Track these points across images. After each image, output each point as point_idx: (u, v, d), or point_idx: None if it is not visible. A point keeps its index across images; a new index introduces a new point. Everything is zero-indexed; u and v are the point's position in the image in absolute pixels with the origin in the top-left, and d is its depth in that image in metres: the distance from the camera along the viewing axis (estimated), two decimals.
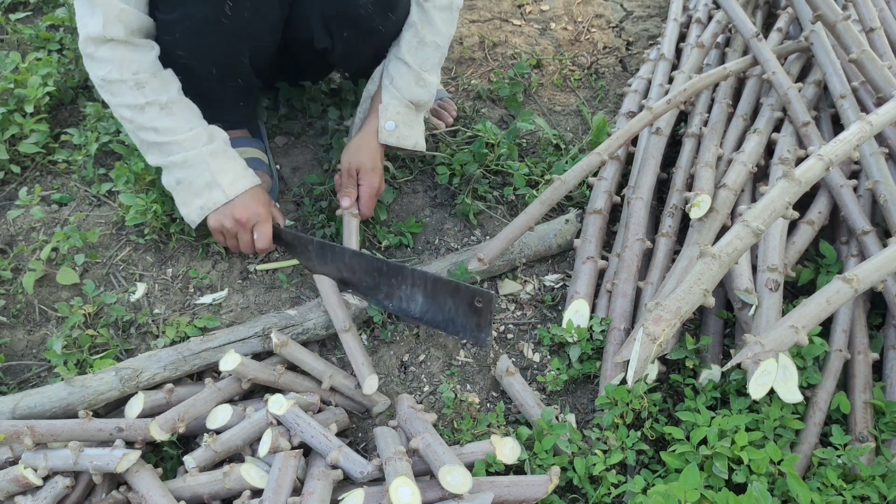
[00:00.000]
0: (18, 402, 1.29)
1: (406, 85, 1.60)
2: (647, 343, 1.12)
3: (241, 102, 1.70)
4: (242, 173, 1.51)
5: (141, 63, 1.39)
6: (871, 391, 1.31)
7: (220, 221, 1.51)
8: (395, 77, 1.61)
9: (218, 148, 1.48)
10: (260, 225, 1.52)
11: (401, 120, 1.61)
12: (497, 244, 1.52)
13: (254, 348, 1.41)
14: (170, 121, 1.43)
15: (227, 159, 1.49)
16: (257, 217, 1.51)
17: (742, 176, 1.59)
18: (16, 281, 1.60)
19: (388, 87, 1.61)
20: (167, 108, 1.43)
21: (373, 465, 1.19)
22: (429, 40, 1.60)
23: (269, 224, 1.53)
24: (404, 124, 1.62)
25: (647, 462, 1.28)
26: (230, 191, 1.48)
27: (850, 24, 1.77)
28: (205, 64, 1.49)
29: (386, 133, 1.60)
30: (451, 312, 1.42)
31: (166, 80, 1.44)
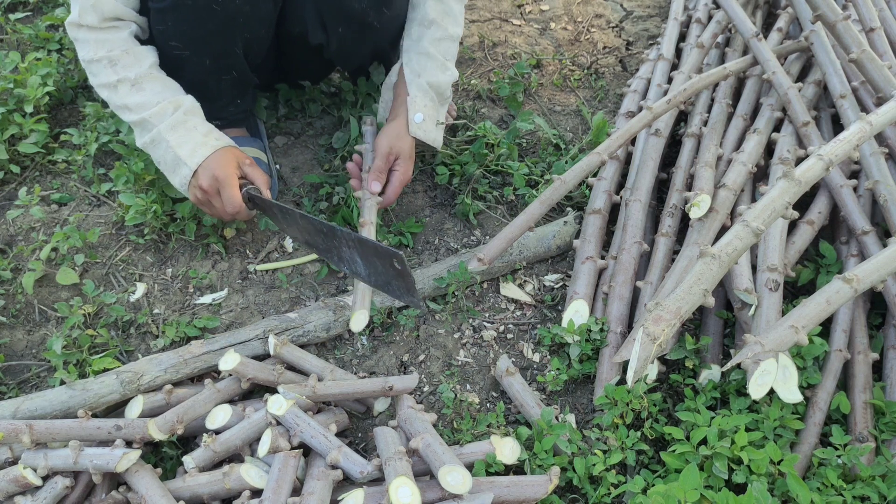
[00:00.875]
0: (19, 406, 1.29)
1: (433, 74, 1.62)
2: (646, 343, 1.12)
3: (239, 99, 1.70)
4: (202, 140, 1.45)
5: (114, 41, 1.40)
6: (871, 391, 1.31)
7: (193, 194, 1.47)
8: (420, 71, 1.62)
9: (176, 120, 1.43)
10: (223, 189, 1.43)
11: (427, 114, 1.63)
12: (497, 244, 1.52)
13: (255, 351, 1.41)
14: (139, 96, 1.41)
15: (186, 131, 1.44)
16: (217, 181, 1.43)
17: (742, 176, 1.59)
18: (15, 281, 1.60)
19: (415, 80, 1.62)
20: (137, 83, 1.41)
21: (373, 465, 1.19)
22: (451, 31, 1.64)
23: (232, 187, 1.43)
24: (429, 119, 1.63)
25: (646, 462, 1.28)
26: (191, 161, 1.43)
27: (850, 24, 1.77)
28: (198, 55, 1.48)
29: (415, 126, 1.60)
30: (384, 274, 1.38)
31: (139, 56, 1.42)
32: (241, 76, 1.61)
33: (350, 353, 1.50)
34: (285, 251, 1.70)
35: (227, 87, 1.63)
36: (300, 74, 1.96)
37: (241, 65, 1.58)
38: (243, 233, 1.72)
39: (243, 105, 1.73)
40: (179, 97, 1.45)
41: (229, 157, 1.47)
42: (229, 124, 1.72)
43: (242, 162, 1.49)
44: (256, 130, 1.84)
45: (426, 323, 1.56)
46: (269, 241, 1.71)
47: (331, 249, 1.44)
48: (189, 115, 1.45)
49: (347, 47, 1.67)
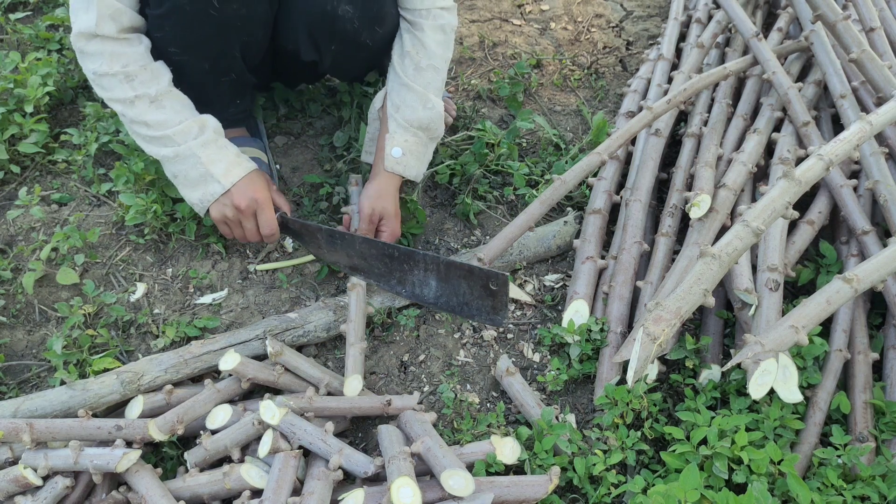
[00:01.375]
0: (20, 406, 1.29)
1: (412, 110, 1.57)
2: (646, 343, 1.12)
3: (238, 100, 1.70)
4: (236, 161, 1.46)
5: (130, 56, 1.38)
6: (871, 391, 1.31)
7: (221, 212, 1.47)
8: (400, 105, 1.57)
9: (208, 138, 1.44)
10: (261, 211, 1.46)
11: (408, 149, 1.57)
12: (497, 244, 1.52)
13: (255, 351, 1.41)
14: (160, 114, 1.41)
15: (218, 149, 1.45)
16: (256, 204, 1.45)
17: (742, 176, 1.59)
18: (16, 281, 1.60)
19: (394, 116, 1.58)
20: (157, 100, 1.40)
21: (375, 465, 1.19)
22: (425, 64, 1.58)
23: (270, 209, 1.47)
24: (411, 153, 1.58)
25: (647, 462, 1.28)
26: (225, 180, 1.43)
27: (850, 24, 1.77)
28: (197, 59, 1.48)
29: (392, 161, 1.56)
30: (465, 296, 1.42)
31: (156, 73, 1.41)
32: (240, 78, 1.61)
33: None
34: (285, 251, 1.70)
35: (225, 89, 1.63)
36: (295, 79, 1.96)
37: (240, 67, 1.58)
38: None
39: (242, 105, 1.73)
40: (202, 117, 1.46)
41: (263, 180, 1.50)
42: (229, 125, 1.72)
43: (271, 187, 1.52)
44: (256, 130, 1.85)
45: (426, 323, 1.56)
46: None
47: (392, 273, 1.46)
48: (218, 134, 1.47)
49: (341, 63, 1.67)
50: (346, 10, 1.50)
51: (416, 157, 1.59)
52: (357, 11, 1.51)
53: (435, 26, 1.58)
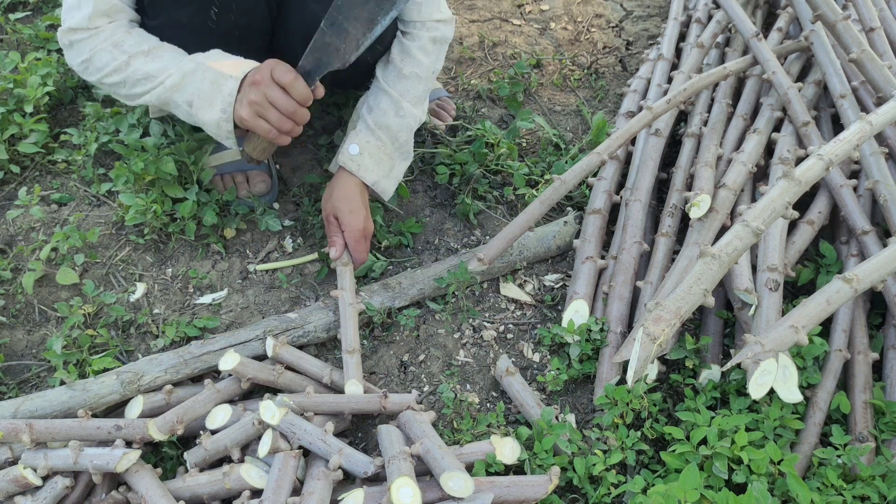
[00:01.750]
0: (19, 407, 1.29)
1: (383, 113, 1.53)
2: (646, 343, 1.12)
3: None
4: (241, 60, 1.37)
5: (112, 28, 1.37)
6: (871, 391, 1.31)
7: (246, 103, 1.32)
8: (373, 107, 1.55)
9: (212, 54, 1.38)
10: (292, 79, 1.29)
11: (367, 150, 1.52)
12: (497, 244, 1.52)
13: (255, 351, 1.41)
14: (158, 63, 1.37)
15: (225, 57, 1.37)
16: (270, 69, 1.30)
17: (742, 176, 1.59)
18: (15, 281, 1.60)
19: (365, 117, 1.55)
20: (151, 53, 1.37)
21: (376, 465, 1.19)
22: (407, 72, 1.55)
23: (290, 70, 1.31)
24: (370, 155, 1.52)
25: (647, 462, 1.28)
26: (237, 72, 1.34)
27: (850, 24, 1.77)
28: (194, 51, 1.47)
29: (346, 156, 1.51)
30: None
31: (143, 35, 1.39)
32: None
33: None
34: (285, 251, 1.70)
35: None
36: None
37: None
38: (243, 233, 1.72)
39: None
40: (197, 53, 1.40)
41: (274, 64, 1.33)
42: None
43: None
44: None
45: (426, 323, 1.56)
46: (269, 241, 1.71)
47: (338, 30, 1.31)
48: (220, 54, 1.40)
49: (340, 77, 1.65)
50: None
51: (375, 160, 1.53)
52: None
53: (427, 37, 1.56)
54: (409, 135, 1.58)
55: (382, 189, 1.58)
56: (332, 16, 1.30)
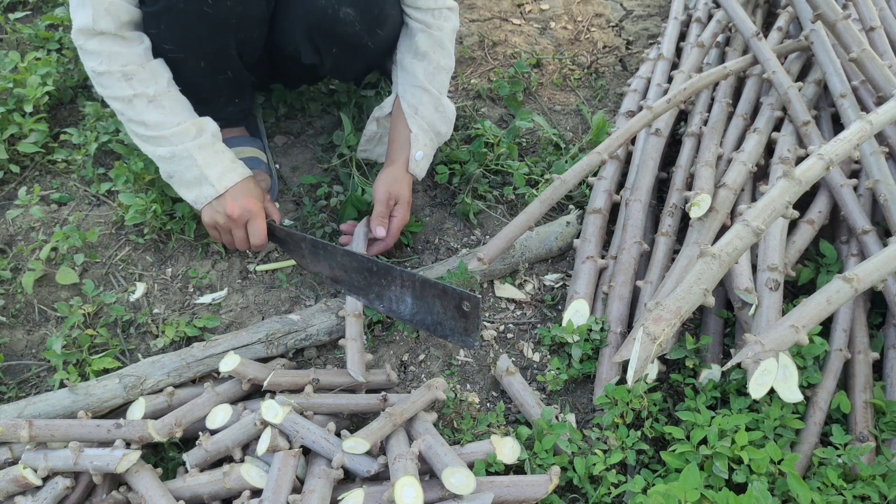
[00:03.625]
0: (23, 411, 1.29)
1: (429, 113, 1.60)
2: (646, 342, 1.12)
3: (237, 99, 1.69)
4: (231, 166, 1.47)
5: (129, 55, 1.38)
6: (871, 390, 1.31)
7: (212, 217, 1.48)
8: (418, 106, 1.60)
9: (205, 141, 1.44)
10: (252, 221, 1.47)
11: (426, 153, 1.61)
12: (497, 243, 1.52)
13: (256, 354, 1.41)
14: (158, 114, 1.41)
15: (214, 153, 1.45)
16: (248, 213, 1.46)
17: (742, 175, 1.59)
18: (15, 281, 1.60)
19: (414, 118, 1.59)
20: (155, 100, 1.40)
21: (378, 464, 1.19)
22: (443, 64, 1.61)
23: (261, 220, 1.48)
24: (426, 158, 1.62)
25: (647, 462, 1.28)
26: (219, 185, 1.44)
27: (850, 23, 1.77)
28: (192, 57, 1.47)
29: (414, 163, 1.59)
30: (439, 315, 1.41)
31: (155, 72, 1.41)
32: (237, 76, 1.61)
33: None
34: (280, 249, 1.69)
35: (223, 88, 1.62)
36: (295, 80, 1.96)
37: (236, 65, 1.57)
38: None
39: (241, 105, 1.73)
40: (201, 120, 1.46)
41: (257, 188, 1.51)
42: (228, 124, 1.72)
43: (262, 194, 1.53)
44: (256, 130, 1.84)
45: None
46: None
47: (371, 287, 1.46)
48: (216, 138, 1.47)
49: (342, 66, 1.66)
50: (347, 12, 1.49)
51: (427, 160, 1.64)
52: (358, 14, 1.50)
53: (449, 28, 1.61)
54: (450, 127, 1.67)
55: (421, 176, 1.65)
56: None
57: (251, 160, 1.72)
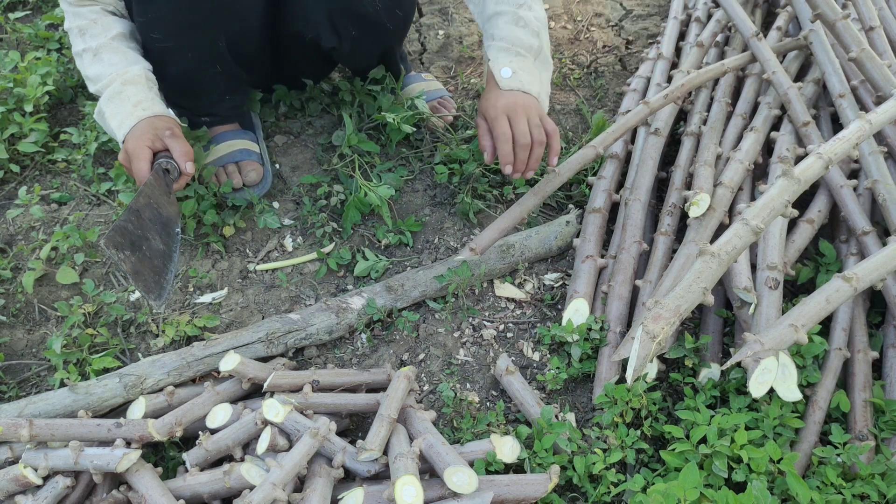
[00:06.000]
0: (23, 410, 1.29)
1: (506, 33, 1.48)
2: (646, 341, 1.12)
3: (229, 96, 1.67)
4: (130, 111, 1.40)
5: (87, 13, 1.39)
6: (870, 390, 1.31)
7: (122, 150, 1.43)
8: (494, 33, 1.50)
9: (114, 91, 1.40)
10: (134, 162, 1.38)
11: (517, 66, 1.48)
12: (489, 234, 1.51)
13: (257, 353, 1.41)
14: (98, 67, 1.40)
15: (119, 101, 1.40)
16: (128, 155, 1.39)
17: (739, 174, 1.59)
18: (15, 280, 1.60)
19: (490, 45, 1.51)
20: (98, 53, 1.39)
21: (379, 464, 1.19)
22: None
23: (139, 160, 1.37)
24: (522, 70, 1.48)
25: (646, 461, 1.28)
26: (120, 133, 1.41)
27: (850, 23, 1.77)
28: (180, 47, 1.46)
29: (506, 81, 1.46)
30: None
31: (106, 26, 1.40)
32: (228, 71, 1.58)
33: (350, 351, 1.51)
34: (285, 250, 1.70)
35: (215, 82, 1.59)
36: (300, 73, 1.95)
37: (226, 59, 1.54)
38: (243, 232, 1.72)
39: (234, 102, 1.71)
40: (129, 67, 1.41)
41: (146, 127, 1.41)
42: (221, 120, 1.71)
43: (163, 133, 1.41)
44: (249, 124, 1.83)
45: (426, 322, 1.56)
46: (269, 241, 1.71)
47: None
48: (127, 84, 1.41)
49: (360, 49, 1.64)
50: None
51: (529, 73, 1.49)
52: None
53: None
54: (538, 39, 1.51)
55: (544, 101, 1.54)
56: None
57: (241, 152, 1.71)
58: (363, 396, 1.34)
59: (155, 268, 1.32)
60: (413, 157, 1.89)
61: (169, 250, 1.37)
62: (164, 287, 1.32)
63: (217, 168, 1.71)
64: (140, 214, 1.32)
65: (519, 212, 1.53)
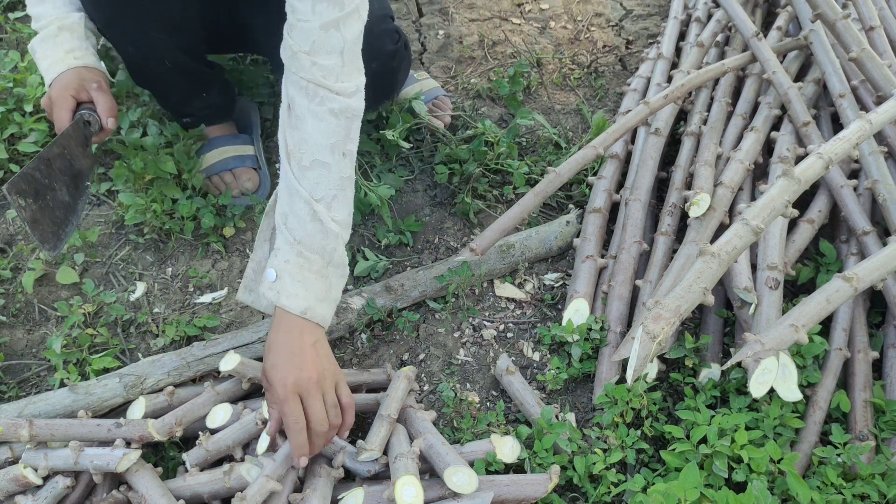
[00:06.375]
0: (23, 410, 1.29)
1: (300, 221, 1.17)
2: (646, 341, 1.12)
3: (203, 93, 1.63)
4: (62, 57, 1.36)
5: None
6: (871, 390, 1.31)
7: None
8: (288, 213, 1.18)
9: (49, 33, 1.37)
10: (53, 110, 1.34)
11: (287, 270, 1.16)
12: (490, 235, 1.51)
13: (257, 353, 1.41)
14: (41, 7, 1.39)
15: (53, 45, 1.37)
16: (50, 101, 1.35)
17: (739, 174, 1.59)
18: (15, 280, 1.60)
19: (281, 228, 1.19)
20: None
21: (379, 464, 1.19)
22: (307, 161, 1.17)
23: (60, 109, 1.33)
24: (291, 277, 1.16)
25: (646, 461, 1.28)
26: (47, 77, 1.37)
27: (850, 23, 1.77)
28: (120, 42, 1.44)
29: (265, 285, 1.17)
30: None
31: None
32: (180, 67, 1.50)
33: (350, 351, 1.50)
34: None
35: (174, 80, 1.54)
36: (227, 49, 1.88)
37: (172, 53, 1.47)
38: (243, 232, 1.72)
39: (211, 100, 1.66)
40: (70, 13, 1.39)
41: (73, 77, 1.36)
42: (209, 121, 1.69)
43: (89, 84, 1.36)
44: (247, 126, 1.82)
45: (426, 322, 1.56)
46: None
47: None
48: (63, 30, 1.37)
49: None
50: None
51: (301, 283, 1.16)
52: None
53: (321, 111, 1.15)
54: (334, 242, 1.19)
55: (317, 315, 1.18)
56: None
57: (234, 159, 1.70)
58: (363, 396, 1.34)
59: (55, 218, 1.26)
60: (413, 157, 1.89)
61: (74, 203, 1.32)
62: (60, 238, 1.28)
63: (211, 177, 1.71)
64: (50, 164, 1.27)
65: (519, 212, 1.53)
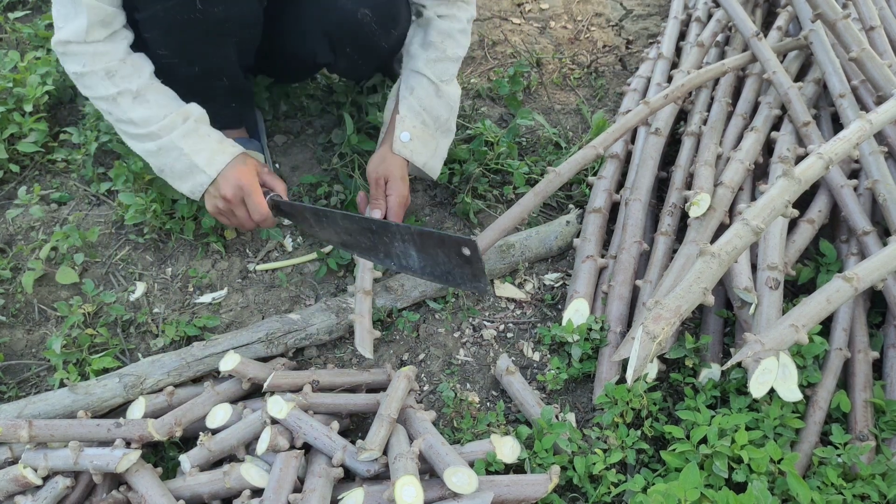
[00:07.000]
0: (23, 410, 1.29)
1: (426, 95, 1.55)
2: (646, 341, 1.12)
3: (234, 103, 1.68)
4: (219, 148, 1.42)
5: (112, 53, 1.35)
6: (871, 390, 1.31)
7: (213, 204, 1.43)
8: (414, 87, 1.56)
9: (189, 128, 1.40)
10: (248, 198, 1.41)
11: (417, 135, 1.55)
12: (490, 234, 1.51)
13: (256, 353, 1.41)
14: (144, 110, 1.37)
15: (199, 138, 1.41)
16: (242, 191, 1.41)
17: (739, 174, 1.59)
18: (15, 280, 1.60)
19: (407, 98, 1.55)
20: (139, 95, 1.37)
21: (379, 464, 1.19)
22: (450, 53, 1.57)
23: (256, 195, 1.41)
24: (419, 139, 1.55)
25: (647, 461, 1.28)
26: (210, 170, 1.40)
27: (850, 23, 1.77)
28: (186, 63, 1.46)
29: (400, 144, 1.53)
30: (445, 264, 1.36)
31: (137, 65, 1.38)
32: (233, 82, 1.59)
33: (350, 351, 1.50)
34: (285, 250, 1.70)
35: (219, 92, 1.60)
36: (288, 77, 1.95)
37: (233, 70, 1.55)
38: (243, 232, 1.71)
39: (238, 108, 1.72)
40: (186, 107, 1.42)
41: (249, 164, 1.45)
42: (225, 126, 1.70)
43: (261, 170, 1.47)
44: (255, 130, 1.84)
45: (426, 322, 1.56)
46: (269, 241, 1.71)
47: (377, 247, 1.41)
48: (199, 123, 1.43)
49: (356, 65, 1.66)
50: (364, 13, 1.50)
51: (423, 143, 1.56)
52: (375, 15, 1.52)
53: (465, 18, 1.59)
54: (450, 114, 1.61)
55: (431, 168, 1.61)
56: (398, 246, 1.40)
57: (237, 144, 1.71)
58: (363, 396, 1.34)
59: None
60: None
61: None
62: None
63: None
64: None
65: (519, 212, 1.53)
